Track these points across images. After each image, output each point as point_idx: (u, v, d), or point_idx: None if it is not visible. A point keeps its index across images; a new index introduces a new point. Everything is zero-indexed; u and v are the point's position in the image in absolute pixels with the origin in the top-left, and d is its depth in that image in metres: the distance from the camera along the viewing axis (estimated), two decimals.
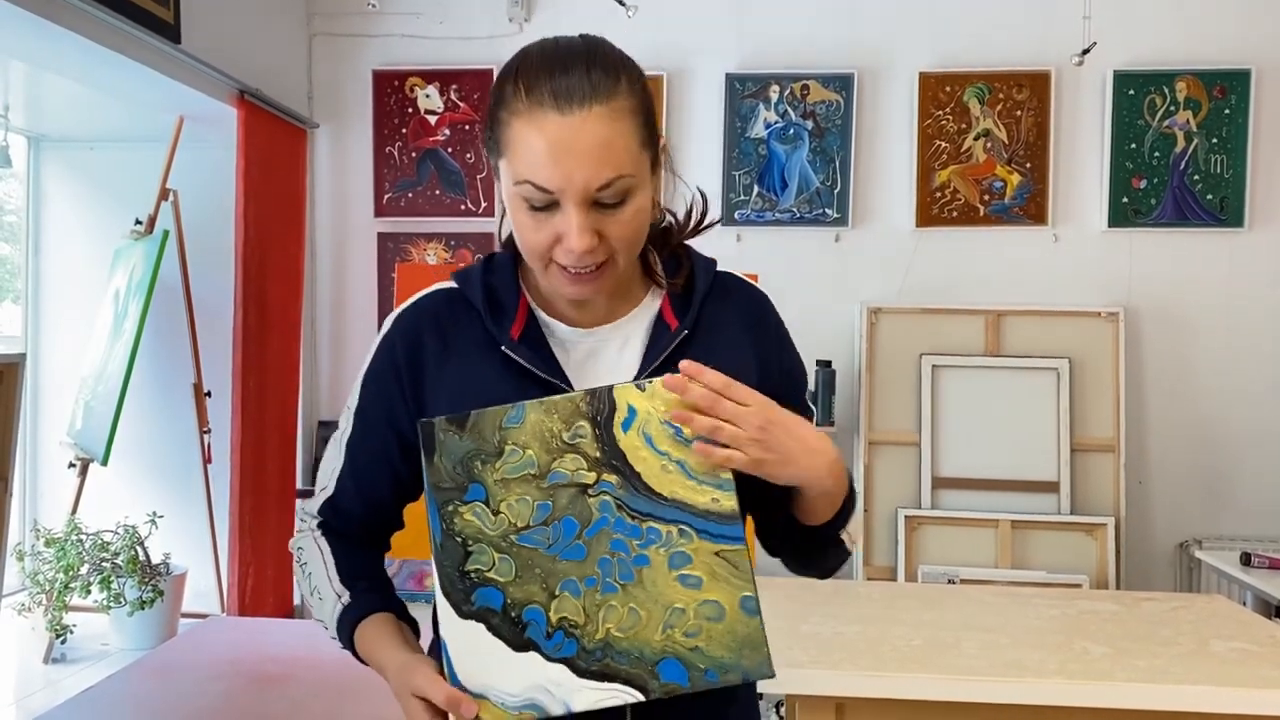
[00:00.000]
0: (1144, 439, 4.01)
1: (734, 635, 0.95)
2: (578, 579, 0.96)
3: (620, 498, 0.97)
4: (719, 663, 0.95)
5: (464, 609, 0.97)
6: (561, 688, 0.95)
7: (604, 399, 0.98)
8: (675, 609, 0.96)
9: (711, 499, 0.97)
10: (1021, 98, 4.03)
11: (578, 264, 1.03)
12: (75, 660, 3.56)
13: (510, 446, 0.98)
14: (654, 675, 0.95)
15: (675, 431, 0.97)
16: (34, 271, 4.39)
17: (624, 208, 1.02)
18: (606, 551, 0.97)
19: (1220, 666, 2.04)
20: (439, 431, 0.99)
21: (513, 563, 0.97)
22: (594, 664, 0.95)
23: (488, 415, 0.98)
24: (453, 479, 0.98)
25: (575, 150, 0.98)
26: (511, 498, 0.98)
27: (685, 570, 0.96)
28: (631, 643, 0.95)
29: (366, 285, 4.37)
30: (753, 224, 4.12)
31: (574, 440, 0.98)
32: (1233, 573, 3.28)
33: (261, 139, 3.85)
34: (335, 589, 1.14)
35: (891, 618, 2.36)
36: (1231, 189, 3.95)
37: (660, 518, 0.97)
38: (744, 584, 0.96)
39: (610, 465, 0.97)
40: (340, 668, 2.22)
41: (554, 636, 0.96)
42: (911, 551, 3.81)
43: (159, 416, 4.21)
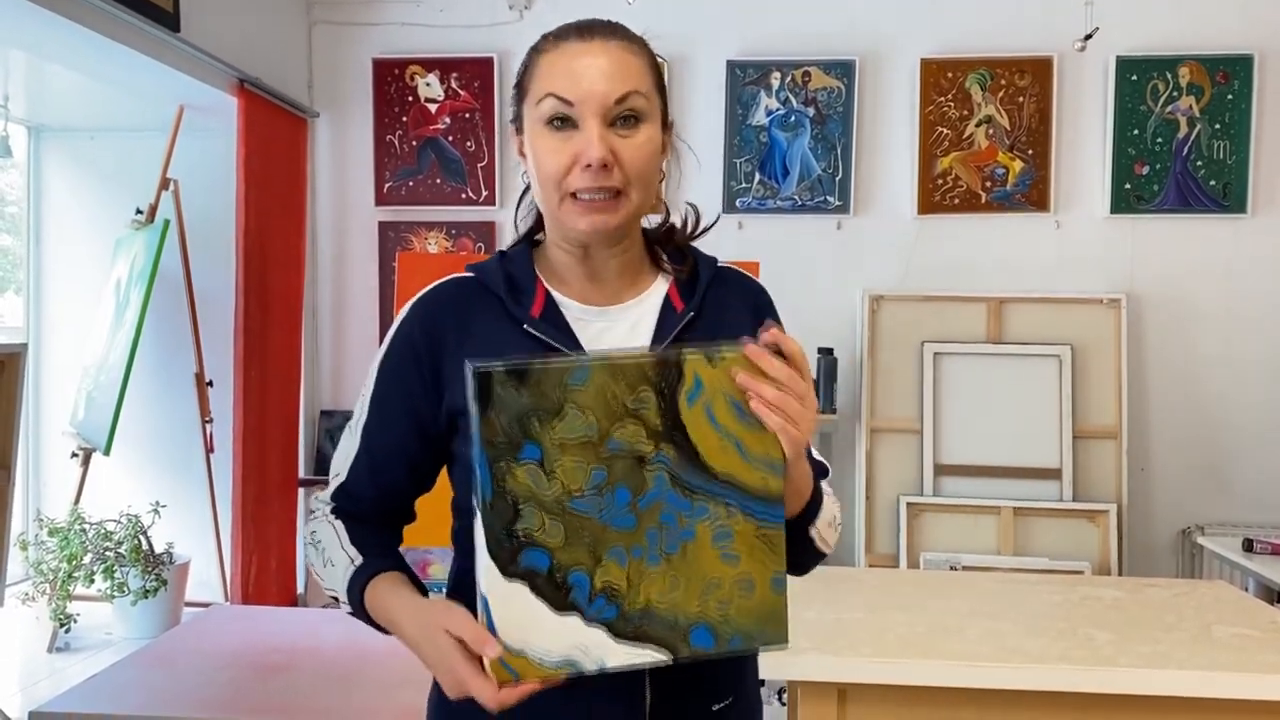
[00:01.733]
0: (1146, 426, 4.01)
1: (762, 608, 0.98)
2: (625, 548, 0.97)
3: (675, 471, 0.97)
4: (745, 631, 0.98)
5: (510, 569, 0.96)
6: (597, 648, 0.96)
7: (673, 368, 0.96)
8: (712, 581, 0.98)
9: (762, 479, 0.98)
10: (1023, 84, 4.02)
11: (593, 181, 1.07)
12: (79, 649, 3.57)
13: (571, 408, 0.95)
14: (685, 640, 0.98)
15: (737, 409, 0.97)
16: (35, 262, 4.39)
17: (637, 132, 1.09)
18: (655, 524, 0.97)
19: (1222, 652, 2.04)
20: (496, 384, 0.94)
21: (562, 526, 0.96)
22: (630, 628, 0.97)
23: (551, 372, 0.95)
24: (507, 435, 0.95)
25: (595, 66, 1.08)
26: (568, 461, 0.96)
27: (727, 547, 0.98)
28: (669, 610, 0.97)
29: (367, 274, 4.37)
30: (754, 212, 4.12)
31: (637, 407, 0.96)
32: (1235, 559, 3.28)
33: (262, 128, 3.85)
34: (348, 553, 1.15)
35: (894, 604, 2.36)
36: (1234, 175, 3.94)
37: (712, 494, 0.97)
38: (777, 563, 0.99)
39: (670, 438, 0.97)
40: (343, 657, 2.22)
41: (596, 601, 0.96)
42: (913, 539, 3.81)
43: (161, 406, 4.21)
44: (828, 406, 3.88)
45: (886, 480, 3.92)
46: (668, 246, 1.24)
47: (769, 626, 0.99)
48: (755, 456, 0.98)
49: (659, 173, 1.16)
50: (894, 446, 3.93)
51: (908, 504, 3.82)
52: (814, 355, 3.90)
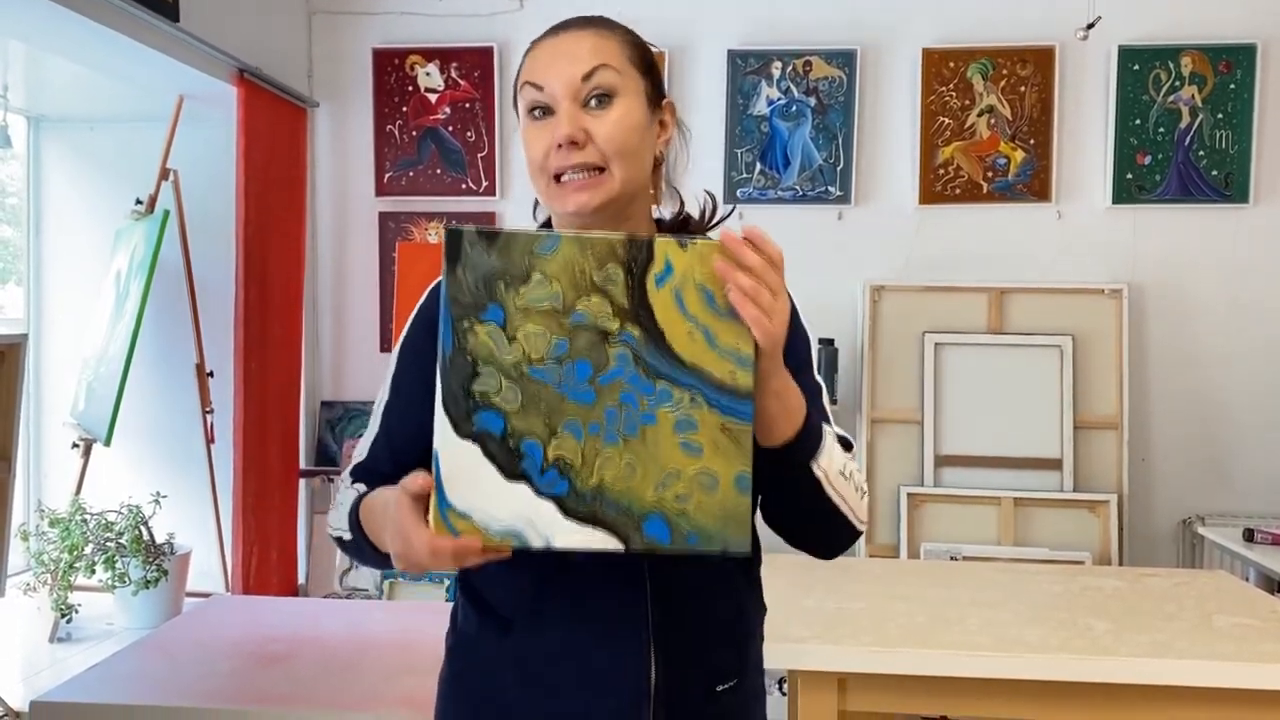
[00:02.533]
0: (1147, 416, 4.01)
1: (723, 507, 0.96)
2: (581, 422, 0.96)
3: (639, 352, 0.96)
4: (703, 530, 0.96)
5: (463, 428, 0.96)
6: (546, 523, 0.95)
7: (642, 247, 0.96)
8: (671, 471, 0.96)
9: (729, 371, 0.97)
10: (1025, 73, 4.01)
11: (568, 160, 1.11)
12: (80, 639, 3.57)
13: (537, 275, 0.96)
14: (638, 529, 0.96)
15: (708, 298, 0.96)
16: (35, 252, 4.39)
17: (610, 109, 1.12)
18: (615, 402, 0.96)
19: (1223, 642, 2.04)
20: (466, 242, 0.96)
21: (520, 392, 0.96)
22: (582, 507, 0.96)
23: (519, 237, 0.96)
24: (473, 295, 0.96)
25: (562, 52, 1.13)
26: (530, 327, 0.96)
27: (689, 437, 0.96)
28: (623, 494, 0.96)
29: (368, 264, 4.36)
30: (755, 202, 4.11)
31: (604, 283, 0.96)
32: (1235, 549, 3.29)
33: (262, 118, 3.84)
34: (356, 490, 1.20)
35: (894, 594, 2.37)
36: (1236, 165, 3.93)
37: (675, 380, 0.96)
38: (742, 461, 0.96)
39: (636, 317, 0.96)
40: (344, 646, 2.22)
41: (548, 473, 0.96)
42: (914, 529, 3.81)
43: (161, 397, 4.21)
44: (828, 397, 3.88)
45: (887, 471, 3.92)
46: (677, 232, 1.24)
47: (729, 528, 0.96)
48: (724, 347, 0.96)
49: (650, 150, 1.17)
50: (895, 437, 3.93)
51: (908, 494, 3.83)
52: (815, 346, 3.88)
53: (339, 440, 4.33)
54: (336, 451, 4.32)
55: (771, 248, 0.97)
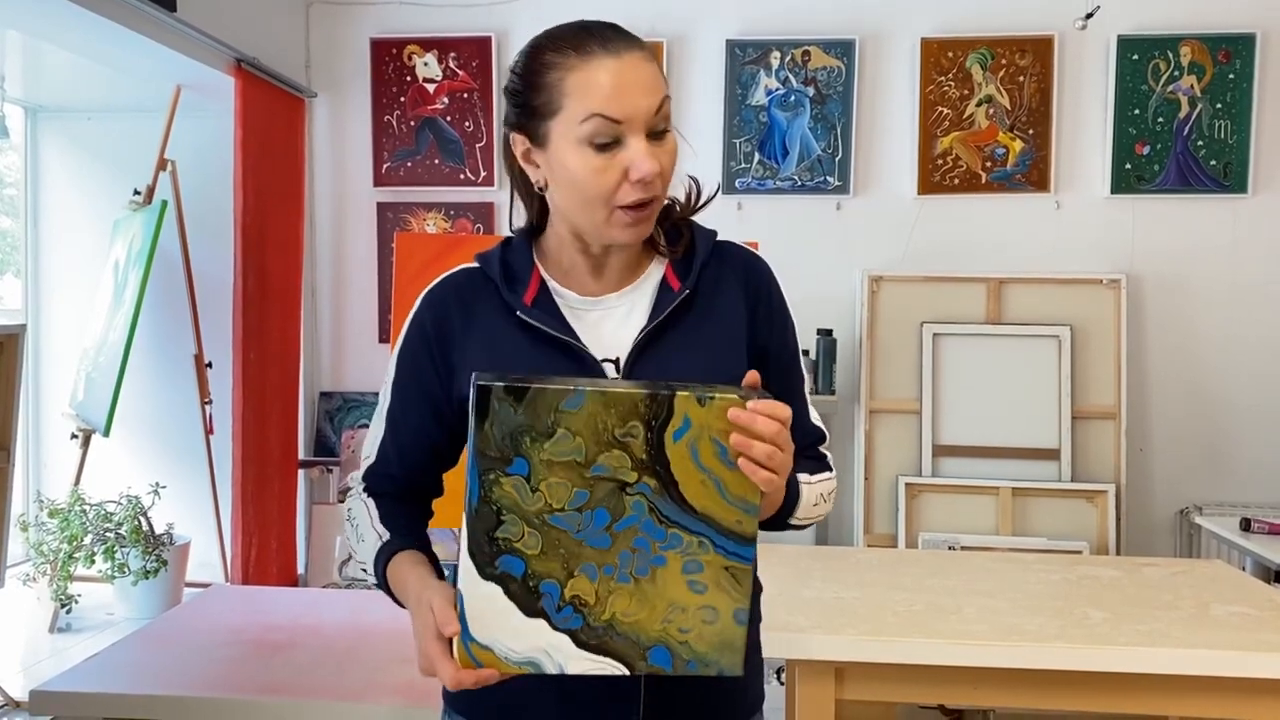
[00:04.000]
0: (1145, 406, 4.01)
1: (720, 638, 1.03)
2: (597, 565, 1.02)
3: (654, 501, 1.01)
4: (701, 657, 1.03)
5: (486, 570, 1.01)
6: (560, 653, 1.02)
7: (663, 404, 1.00)
8: (677, 606, 1.03)
9: (736, 520, 1.02)
10: (1024, 63, 4.00)
11: (645, 194, 1.11)
12: (80, 629, 3.58)
13: (562, 430, 1.00)
14: (643, 657, 1.03)
15: (721, 451, 1.00)
16: (33, 243, 4.38)
17: (667, 138, 1.14)
18: (629, 546, 1.02)
19: (1220, 631, 2.05)
20: (495, 400, 0.99)
21: (540, 539, 1.01)
22: (594, 638, 1.02)
23: (548, 394, 0.99)
24: (499, 449, 1.00)
25: (634, 82, 1.10)
26: (553, 479, 1.00)
27: (695, 577, 1.03)
28: (631, 628, 1.03)
29: (366, 255, 4.36)
30: (754, 192, 4.10)
31: (624, 439, 1.00)
32: (1232, 538, 3.29)
33: (259, 109, 3.83)
34: (377, 530, 1.23)
35: (892, 583, 2.37)
36: (1235, 155, 3.93)
37: (685, 527, 1.02)
38: (741, 598, 1.03)
39: (653, 470, 1.01)
40: (343, 635, 2.23)
41: (563, 610, 1.02)
42: (912, 519, 3.82)
43: (160, 387, 4.21)
44: (827, 388, 3.89)
45: (885, 461, 3.92)
46: (665, 224, 1.25)
47: (724, 656, 1.04)
48: (733, 497, 1.02)
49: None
50: (893, 427, 3.94)
51: (906, 484, 3.83)
52: (813, 336, 3.89)
53: (338, 430, 4.33)
54: (335, 442, 4.32)
55: (781, 411, 1.01)
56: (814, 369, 3.89)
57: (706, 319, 1.20)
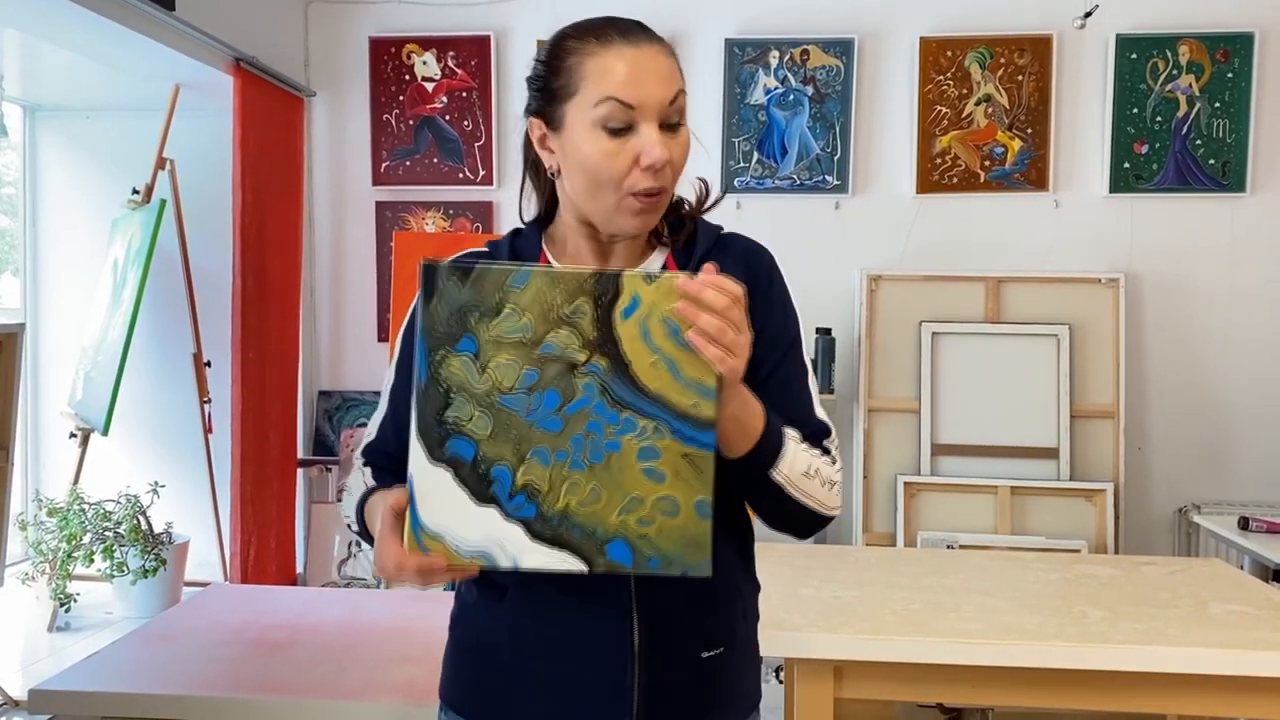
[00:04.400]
0: (1144, 405, 4.01)
1: (683, 533, 1.00)
2: (549, 449, 1.00)
3: (606, 382, 1.00)
4: (663, 554, 1.00)
5: (435, 454, 1.01)
6: (513, 545, 1.00)
7: (610, 282, 0.99)
8: (634, 497, 1.00)
9: (692, 403, 1.00)
10: (1023, 62, 4.00)
11: (654, 182, 1.13)
12: (79, 628, 3.58)
13: (509, 308, 1.00)
14: (601, 552, 1.00)
15: (673, 330, 0.99)
16: (32, 242, 4.38)
17: (680, 132, 1.17)
18: (582, 430, 1.00)
19: (1218, 629, 2.05)
20: (441, 277, 1.00)
21: (490, 420, 1.00)
22: (548, 530, 1.00)
23: (492, 272, 1.00)
24: (446, 327, 1.00)
25: (650, 71, 1.13)
26: (501, 358, 1.00)
27: (652, 464, 1.00)
28: (587, 519, 1.00)
29: (365, 254, 4.36)
30: (752, 191, 4.11)
31: (572, 316, 0.99)
32: (1231, 537, 3.30)
33: (258, 107, 3.83)
34: (366, 482, 1.26)
35: (890, 582, 2.38)
36: (1234, 154, 3.93)
37: (639, 410, 1.00)
38: (703, 488, 1.00)
39: (603, 349, 0.99)
40: (342, 634, 2.23)
41: (516, 498, 1.00)
42: (911, 518, 3.82)
43: (159, 386, 4.21)
44: (826, 387, 3.89)
45: (884, 460, 3.93)
46: (670, 218, 1.27)
47: (689, 552, 1.00)
48: (688, 378, 1.00)
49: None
50: (892, 426, 3.94)
51: (905, 483, 3.83)
52: (812, 335, 3.90)
53: (336, 430, 4.33)
54: (334, 441, 4.32)
55: (731, 286, 0.99)
56: (813, 368, 3.88)
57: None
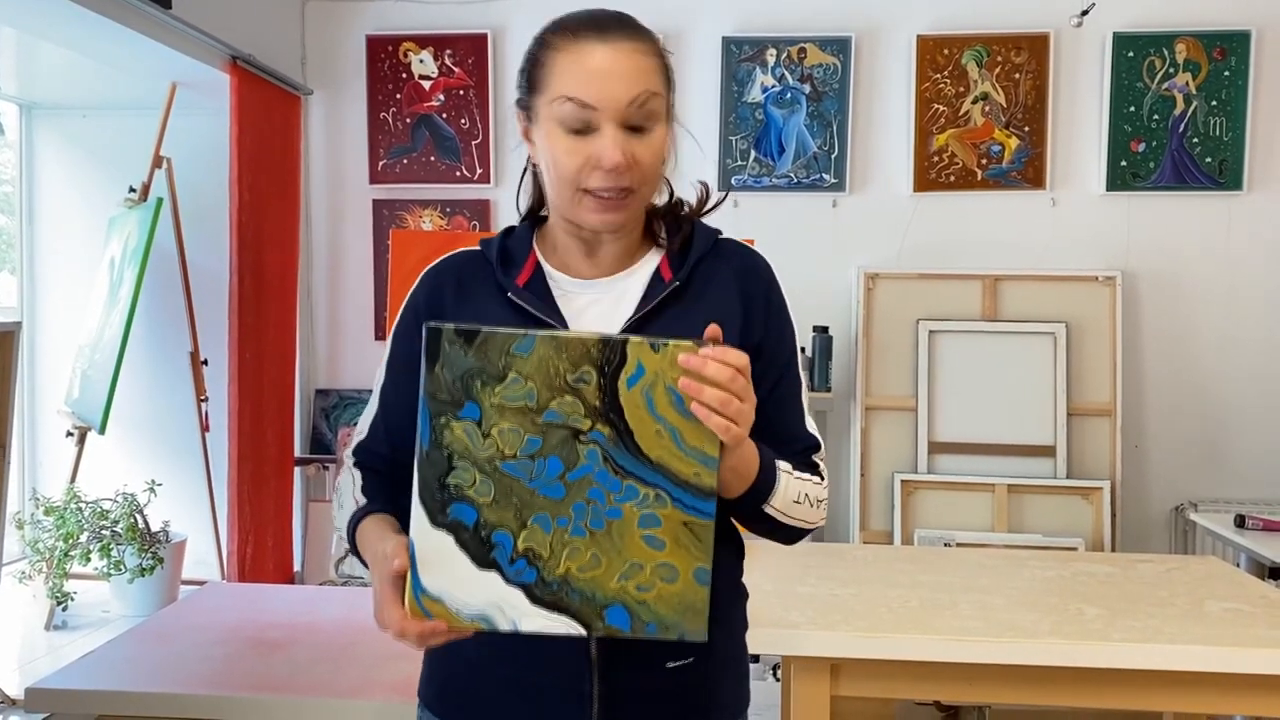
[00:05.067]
0: (1141, 403, 4.02)
1: (682, 599, 1.00)
2: (550, 516, 1.00)
3: (608, 450, 1.00)
4: (661, 619, 1.01)
5: (438, 518, 1.01)
6: (514, 609, 1.01)
7: (616, 350, 0.99)
8: (634, 564, 1.00)
9: (694, 472, 1.00)
10: (1020, 60, 4.00)
11: (610, 183, 1.11)
12: (76, 627, 3.58)
13: (513, 374, 0.99)
14: (600, 616, 1.01)
15: (677, 399, 0.99)
16: (28, 241, 4.38)
17: (650, 134, 1.13)
18: (584, 497, 1.00)
19: (1214, 627, 2.05)
20: (445, 341, 1.00)
21: (492, 486, 1.00)
22: (548, 595, 1.00)
23: (497, 337, 1.00)
24: (450, 392, 1.00)
25: (614, 71, 1.10)
26: (504, 424, 1.00)
27: (652, 531, 1.00)
28: (587, 584, 1.00)
29: (362, 252, 4.36)
30: (750, 189, 4.11)
31: (577, 384, 0.99)
32: (1227, 535, 3.30)
33: (255, 106, 3.83)
34: (356, 499, 1.24)
35: (887, 580, 2.38)
36: (1230, 152, 3.93)
37: (641, 478, 1.00)
38: (702, 556, 1.00)
39: (606, 417, 0.99)
40: (339, 632, 2.23)
41: (517, 563, 1.01)
42: (908, 516, 3.83)
43: (156, 385, 4.20)
44: (823, 385, 3.89)
45: (881, 458, 3.93)
46: (669, 219, 1.27)
47: (687, 618, 1.01)
48: (690, 447, 1.00)
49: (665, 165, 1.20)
50: (889, 424, 3.94)
51: (902, 481, 3.84)
52: (809, 333, 3.90)
53: (334, 428, 4.33)
54: (331, 439, 4.32)
55: (735, 357, 0.99)
56: (810, 366, 3.90)
57: (696, 312, 1.18)
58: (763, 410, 1.16)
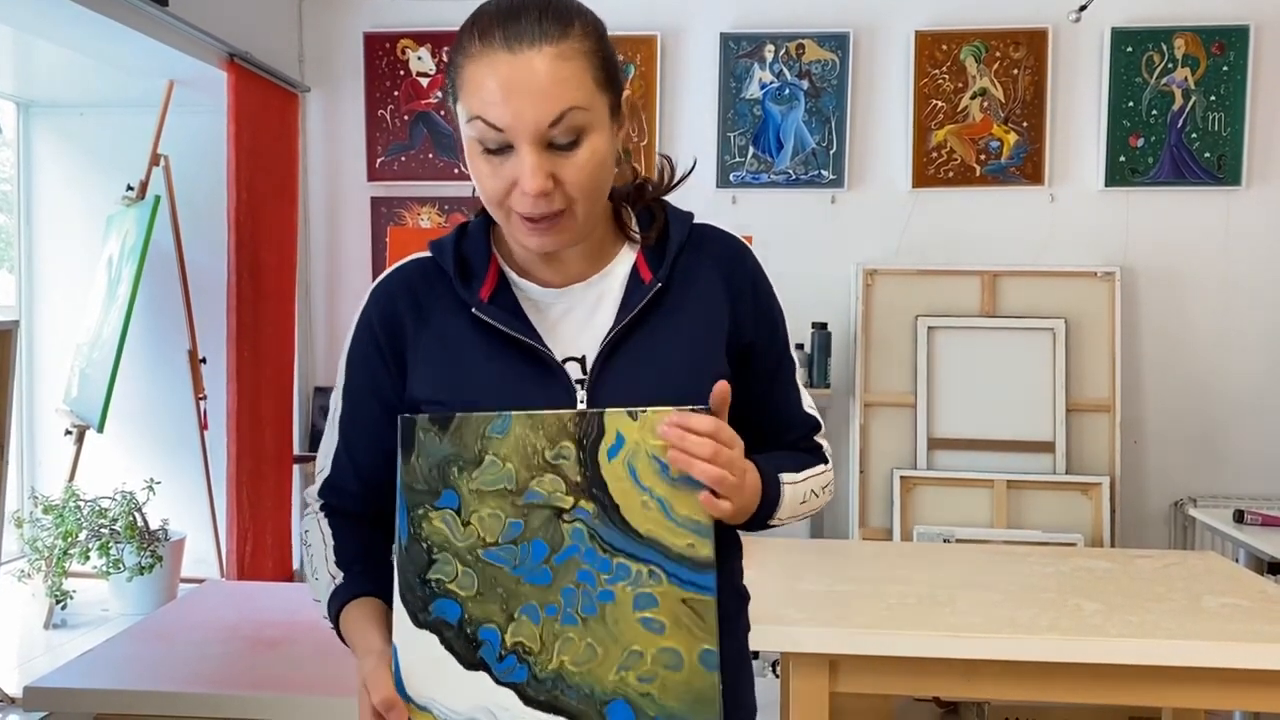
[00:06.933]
0: (1139, 399, 4.02)
1: (689, 688, 0.92)
2: (539, 605, 0.94)
3: (594, 528, 0.94)
4: (669, 713, 0.93)
5: (420, 617, 0.96)
6: (506, 713, 0.94)
7: (593, 422, 0.94)
8: (633, 651, 0.93)
9: (688, 544, 0.93)
10: (1018, 56, 4.00)
11: (532, 209, 1.00)
12: (76, 625, 3.58)
13: (490, 457, 0.95)
14: (600, 715, 0.93)
15: (661, 467, 0.93)
16: (26, 239, 4.37)
17: (578, 150, 1.01)
18: (572, 581, 0.94)
19: (1212, 622, 2.05)
20: (420, 431, 0.96)
21: (476, 578, 0.95)
22: (543, 694, 0.93)
23: (472, 421, 0.95)
24: (427, 482, 0.96)
25: (525, 88, 0.97)
26: (484, 510, 0.95)
27: (649, 613, 0.93)
28: (584, 678, 0.93)
29: (360, 250, 4.35)
30: (748, 186, 4.10)
31: (556, 461, 0.94)
32: (1226, 530, 3.30)
33: (252, 103, 3.82)
34: (331, 570, 1.13)
35: (886, 576, 2.38)
36: (1229, 147, 3.93)
37: (632, 555, 0.93)
38: (706, 636, 0.93)
39: (590, 493, 0.94)
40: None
41: (506, 660, 0.94)
42: (907, 512, 3.83)
43: (155, 383, 4.20)
44: (822, 381, 3.89)
45: (880, 454, 3.93)
46: (636, 207, 1.17)
47: (696, 709, 0.92)
48: (681, 518, 0.94)
49: (613, 168, 1.08)
50: (888, 420, 3.94)
51: (901, 477, 3.84)
52: (808, 330, 3.90)
53: None
54: None
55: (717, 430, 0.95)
56: (809, 363, 3.90)
57: (681, 313, 1.10)
58: (762, 401, 1.14)
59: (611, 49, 1.05)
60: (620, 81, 1.07)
